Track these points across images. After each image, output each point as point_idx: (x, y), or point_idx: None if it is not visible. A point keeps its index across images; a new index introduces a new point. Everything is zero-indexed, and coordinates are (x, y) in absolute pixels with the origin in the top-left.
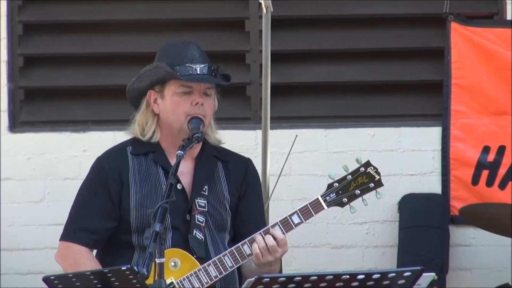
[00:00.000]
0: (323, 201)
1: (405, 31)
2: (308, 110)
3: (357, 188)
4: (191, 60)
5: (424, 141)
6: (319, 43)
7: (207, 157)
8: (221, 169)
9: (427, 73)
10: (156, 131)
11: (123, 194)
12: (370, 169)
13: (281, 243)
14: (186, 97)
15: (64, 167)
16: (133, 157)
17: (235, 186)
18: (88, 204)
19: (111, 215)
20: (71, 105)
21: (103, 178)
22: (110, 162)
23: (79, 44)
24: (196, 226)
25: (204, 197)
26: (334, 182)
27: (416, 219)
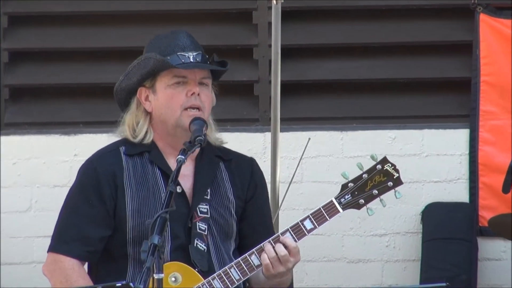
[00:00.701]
0: (338, 203)
1: (429, 23)
2: (322, 110)
3: (375, 187)
4: (183, 48)
5: (450, 145)
6: (334, 37)
7: (209, 157)
8: (224, 170)
9: (453, 70)
10: (149, 132)
11: (118, 199)
12: (387, 166)
13: (293, 252)
14: (181, 88)
15: (53, 173)
16: (127, 158)
17: (241, 188)
18: (80, 211)
19: (105, 223)
20: (61, 104)
21: (95, 181)
22: (103, 164)
23: (70, 38)
24: (197, 235)
25: (207, 202)
26: (349, 182)
27: (441, 230)
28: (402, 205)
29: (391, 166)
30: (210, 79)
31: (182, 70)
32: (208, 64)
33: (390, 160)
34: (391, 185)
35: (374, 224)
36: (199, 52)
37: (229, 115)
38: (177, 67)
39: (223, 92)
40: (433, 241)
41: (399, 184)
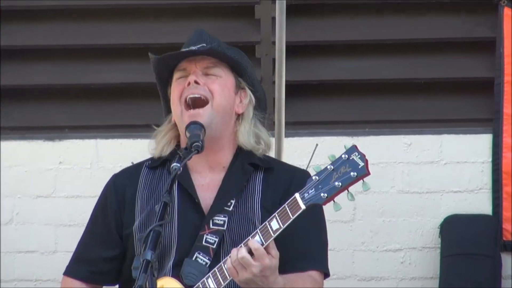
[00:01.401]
0: (301, 199)
1: (448, 18)
2: (331, 113)
3: (338, 179)
4: (188, 44)
5: (471, 151)
6: (345, 33)
7: (241, 165)
8: (260, 179)
9: (475, 69)
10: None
11: (126, 214)
12: (354, 155)
13: (256, 254)
14: (181, 81)
15: (36, 182)
16: (148, 171)
17: (272, 199)
18: (89, 230)
19: (110, 242)
20: (45, 107)
21: (104, 198)
22: (118, 178)
23: (56, 34)
24: (200, 248)
25: (226, 214)
26: (314, 175)
27: (461, 245)
28: (418, 218)
29: (357, 155)
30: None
31: (183, 62)
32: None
33: (358, 149)
34: (354, 176)
35: (388, 238)
36: (202, 45)
37: None
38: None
39: None
40: (453, 257)
41: (363, 174)
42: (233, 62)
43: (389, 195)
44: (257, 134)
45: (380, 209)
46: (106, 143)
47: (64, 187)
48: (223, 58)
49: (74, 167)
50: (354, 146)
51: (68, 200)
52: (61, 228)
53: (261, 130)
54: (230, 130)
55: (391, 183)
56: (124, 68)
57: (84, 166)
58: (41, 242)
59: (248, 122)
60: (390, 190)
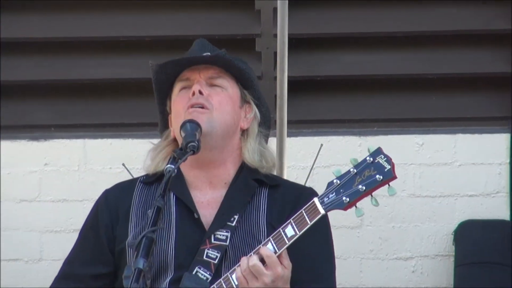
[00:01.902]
0: (320, 203)
1: (463, 9)
2: (337, 111)
3: (362, 182)
4: (190, 53)
5: (487, 152)
6: (352, 25)
7: (245, 181)
8: (265, 196)
9: (492, 64)
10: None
11: (119, 229)
12: (379, 158)
13: (268, 262)
14: (184, 92)
15: (19, 185)
16: (143, 186)
17: (278, 216)
18: (78, 247)
19: (99, 257)
20: (29, 105)
21: (96, 213)
22: (111, 192)
23: (39, 26)
24: (201, 263)
25: (229, 229)
26: (335, 179)
27: (476, 253)
28: (431, 224)
29: (383, 158)
30: (224, 80)
31: (186, 72)
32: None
33: (384, 151)
34: (380, 179)
35: (398, 245)
36: (207, 53)
37: None
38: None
39: None
40: (468, 266)
41: (390, 177)
42: (240, 73)
43: (400, 199)
44: (262, 152)
45: (389, 214)
46: (95, 143)
47: (49, 191)
48: (230, 67)
49: (61, 169)
50: (379, 148)
51: (54, 205)
52: (47, 234)
53: (266, 148)
54: (235, 146)
55: (401, 186)
56: (114, 63)
57: (71, 168)
58: (25, 249)
59: (253, 139)
60: (400, 193)
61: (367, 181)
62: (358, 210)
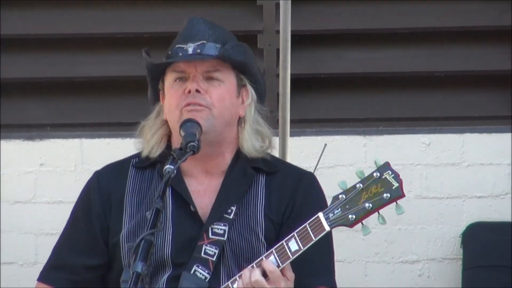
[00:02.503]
0: (325, 219)
1: (471, 5)
2: (341, 110)
3: (369, 200)
4: (185, 38)
5: (496, 152)
6: (357, 21)
7: (242, 169)
8: (263, 185)
9: (501, 61)
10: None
11: (112, 219)
12: (387, 174)
13: (271, 277)
14: (179, 86)
15: (14, 186)
16: (136, 171)
17: (277, 207)
18: (69, 234)
19: (93, 249)
20: (24, 103)
21: (87, 198)
22: (102, 177)
23: (35, 23)
24: (199, 260)
25: (226, 222)
26: (340, 194)
27: (485, 256)
28: (438, 226)
29: (391, 174)
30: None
31: (181, 63)
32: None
33: (392, 167)
34: (387, 198)
35: (404, 248)
36: (202, 42)
37: None
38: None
39: None
40: (476, 269)
41: (398, 196)
42: (240, 65)
43: (406, 200)
44: (259, 131)
45: (395, 216)
46: (92, 143)
47: (45, 192)
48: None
49: (57, 169)
50: (387, 163)
51: (50, 206)
52: (42, 237)
53: (262, 126)
54: (233, 136)
55: (408, 188)
56: (112, 60)
57: (68, 169)
58: (21, 252)
59: (250, 124)
60: (406, 195)
61: (374, 199)
62: (365, 228)
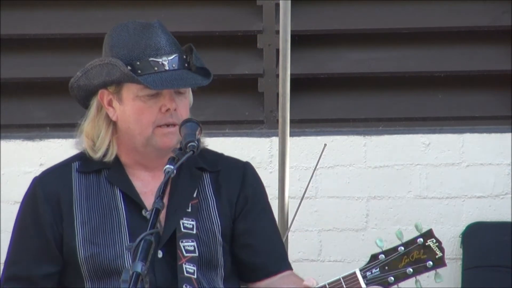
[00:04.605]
0: (362, 277)
1: (472, 4)
2: (341, 110)
3: (410, 265)
4: (156, 51)
5: (496, 152)
6: (357, 21)
7: (188, 170)
8: (209, 183)
9: (501, 61)
10: (111, 146)
11: (64, 227)
12: (431, 241)
13: None
14: (153, 102)
15: (14, 186)
16: (80, 176)
17: (228, 203)
18: (19, 244)
19: (48, 257)
20: (24, 103)
21: (34, 206)
22: (46, 185)
23: (35, 22)
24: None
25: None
26: (380, 254)
27: (485, 256)
28: (438, 226)
29: (435, 242)
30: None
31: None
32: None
33: (435, 235)
34: (430, 266)
35: None
36: (176, 55)
37: (228, 116)
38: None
39: (221, 88)
40: (476, 269)
41: (440, 265)
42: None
43: (405, 200)
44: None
45: (395, 216)
46: None
47: None
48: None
49: None
50: (431, 230)
51: None
52: None
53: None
54: None
55: (407, 188)
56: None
57: None
58: None
59: None
60: (406, 195)
61: (416, 265)
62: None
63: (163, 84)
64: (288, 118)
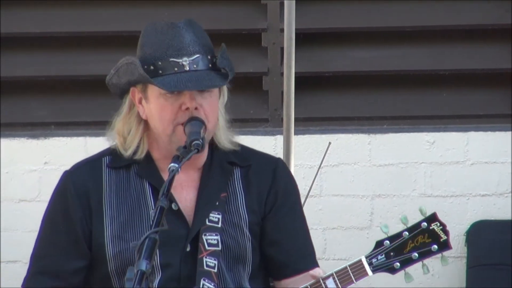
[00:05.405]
0: (368, 264)
1: (476, 3)
2: (346, 108)
3: (416, 250)
4: (178, 51)
5: (500, 151)
6: (361, 20)
7: (219, 164)
8: (239, 179)
9: (505, 60)
10: (142, 144)
11: (94, 222)
12: (435, 225)
13: None
14: (174, 100)
15: (18, 185)
16: (110, 171)
17: (257, 199)
18: (48, 238)
19: (77, 252)
20: (28, 101)
21: (65, 201)
22: (77, 180)
23: (39, 21)
24: (205, 274)
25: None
26: (385, 240)
27: (489, 254)
28: None
29: (439, 226)
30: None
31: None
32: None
33: (439, 218)
34: (435, 249)
35: None
36: (198, 56)
37: (232, 114)
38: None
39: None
40: (480, 268)
41: (445, 248)
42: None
43: (410, 199)
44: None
45: (400, 215)
46: (96, 141)
47: (49, 190)
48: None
49: (61, 167)
50: (435, 214)
51: None
52: None
53: (222, 114)
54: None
55: (412, 186)
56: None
57: None
58: (25, 251)
59: (223, 118)
60: (411, 193)
61: (421, 250)
62: (408, 276)
63: (176, 85)
64: (292, 116)
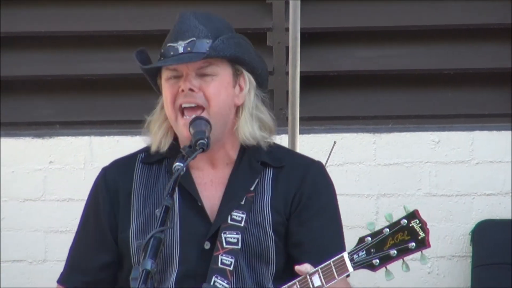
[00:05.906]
0: (349, 260)
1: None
2: (351, 107)
3: (394, 247)
4: (176, 36)
5: (505, 150)
6: (366, 19)
7: (250, 162)
8: (270, 179)
9: (510, 59)
10: (164, 139)
11: (121, 216)
12: (414, 222)
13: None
14: (174, 83)
15: (23, 184)
16: (143, 167)
17: (284, 200)
18: (80, 234)
19: (104, 245)
20: (33, 101)
21: (96, 196)
22: (109, 174)
23: (43, 20)
24: (217, 271)
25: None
26: (367, 236)
27: (494, 254)
28: (447, 224)
29: (418, 223)
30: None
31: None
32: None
33: (420, 216)
34: (413, 247)
35: None
36: (192, 40)
37: None
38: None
39: None
40: (485, 267)
41: (423, 247)
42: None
43: (415, 198)
44: (259, 118)
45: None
46: (101, 140)
47: (54, 190)
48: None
49: (66, 167)
50: (415, 211)
51: (59, 204)
52: (51, 234)
53: (263, 112)
54: (230, 126)
55: (417, 185)
56: (121, 57)
57: (77, 166)
58: (30, 250)
59: (248, 111)
60: (416, 192)
61: (399, 247)
62: (388, 274)
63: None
64: (297, 116)
